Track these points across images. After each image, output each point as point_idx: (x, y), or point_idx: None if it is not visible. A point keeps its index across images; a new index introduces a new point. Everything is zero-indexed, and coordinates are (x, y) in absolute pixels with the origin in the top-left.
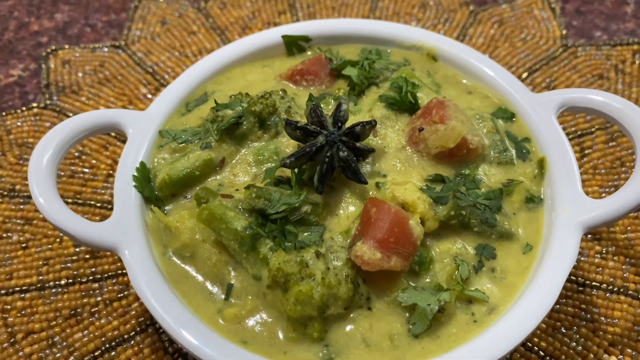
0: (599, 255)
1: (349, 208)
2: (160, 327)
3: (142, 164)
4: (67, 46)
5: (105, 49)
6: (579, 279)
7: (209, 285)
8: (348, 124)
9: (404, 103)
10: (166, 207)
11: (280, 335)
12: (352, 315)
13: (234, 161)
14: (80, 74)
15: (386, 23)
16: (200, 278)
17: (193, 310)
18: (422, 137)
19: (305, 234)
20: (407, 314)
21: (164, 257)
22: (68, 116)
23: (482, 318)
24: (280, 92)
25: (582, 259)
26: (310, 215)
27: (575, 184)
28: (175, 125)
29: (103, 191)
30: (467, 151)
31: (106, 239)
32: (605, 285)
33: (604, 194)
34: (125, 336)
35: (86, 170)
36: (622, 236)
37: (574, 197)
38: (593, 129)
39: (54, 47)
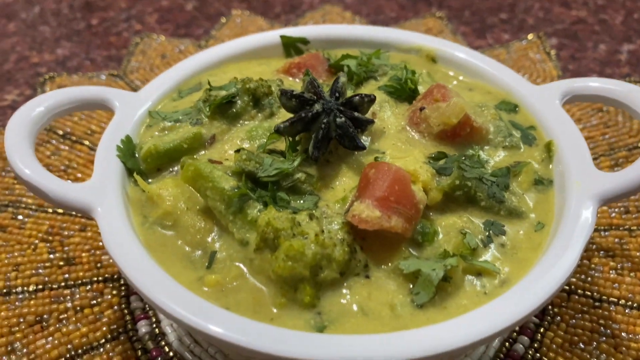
0: (613, 272)
1: (346, 182)
2: (133, 335)
3: (128, 137)
4: (64, 74)
5: (103, 77)
6: (595, 294)
7: (190, 253)
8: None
9: (403, 91)
10: (150, 180)
11: (268, 302)
12: (348, 282)
13: (225, 138)
14: None
15: (384, 28)
16: (181, 246)
17: (172, 277)
18: (424, 116)
19: (298, 202)
20: (410, 285)
21: (143, 227)
22: (55, 132)
23: (493, 290)
24: (277, 81)
25: (596, 274)
26: (304, 184)
27: (587, 160)
28: (166, 108)
29: None
30: (471, 130)
31: (81, 198)
32: (624, 301)
33: None
34: (94, 344)
35: (70, 182)
36: (638, 253)
37: (586, 171)
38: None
39: (51, 75)
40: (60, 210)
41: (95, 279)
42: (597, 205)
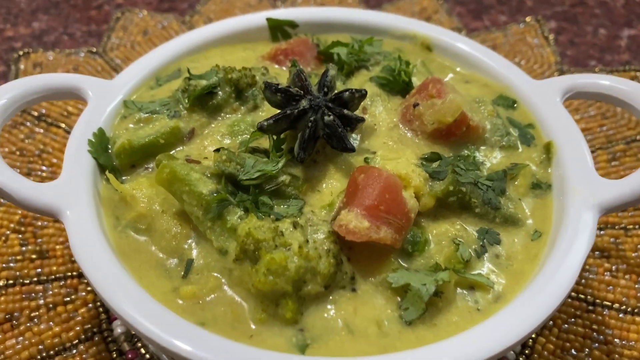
0: (608, 273)
1: (333, 184)
2: (108, 336)
3: (101, 129)
4: (40, 50)
5: (82, 54)
6: (588, 297)
7: (165, 260)
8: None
9: (396, 83)
10: (123, 178)
11: (248, 317)
12: (333, 296)
13: (205, 133)
14: None
15: (378, 12)
16: (155, 252)
17: (144, 288)
18: (417, 113)
19: (282, 207)
20: (399, 298)
21: (115, 230)
22: (30, 114)
23: (486, 306)
24: (262, 70)
25: (590, 276)
26: (288, 187)
27: (587, 165)
28: (143, 98)
29: None
30: (467, 129)
31: (47, 200)
32: (617, 304)
33: None
34: (67, 344)
35: (45, 168)
36: (633, 254)
37: (587, 177)
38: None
39: (26, 50)
40: None
41: (70, 273)
42: (598, 215)
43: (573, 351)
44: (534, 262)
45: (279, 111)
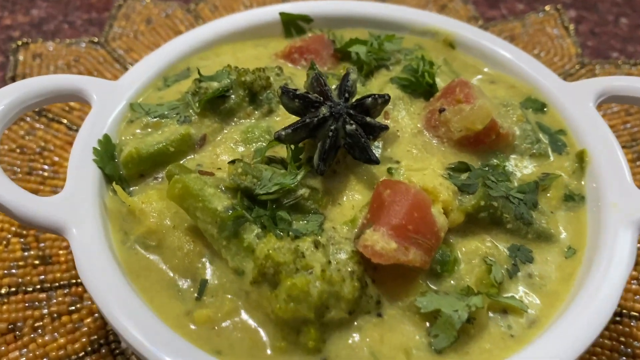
0: (635, 282)
1: (355, 197)
2: (116, 348)
3: (107, 136)
4: (40, 40)
5: (83, 44)
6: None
7: (177, 280)
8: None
9: (419, 85)
10: (131, 188)
11: (266, 344)
12: (357, 322)
13: (217, 139)
14: (51, 68)
15: (397, 6)
16: (167, 272)
17: (155, 311)
18: (444, 119)
19: (301, 222)
20: (427, 324)
21: (124, 246)
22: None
23: (520, 332)
24: (276, 70)
25: None
26: (307, 201)
27: (624, 177)
28: (150, 100)
29: None
30: (497, 137)
31: (52, 216)
32: None
33: None
34: (73, 357)
35: (46, 167)
36: None
37: (624, 190)
38: None
39: (25, 40)
40: None
41: (74, 280)
42: (638, 232)
43: None
44: (568, 282)
45: (295, 117)
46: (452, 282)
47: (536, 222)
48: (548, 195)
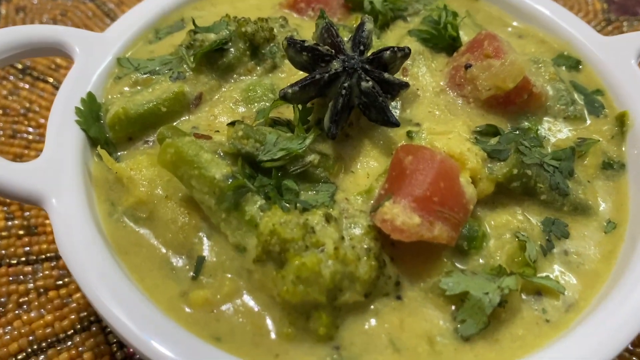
0: None
1: (370, 164)
2: (107, 326)
3: (91, 95)
4: None
5: None
6: None
7: (171, 257)
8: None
9: (441, 39)
10: (119, 153)
11: (271, 331)
12: (374, 305)
13: (215, 98)
14: (36, 23)
15: None
16: (159, 248)
17: (145, 292)
18: (470, 76)
19: (310, 192)
20: (453, 307)
21: (110, 219)
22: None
23: (556, 317)
24: (280, 20)
25: None
26: (317, 168)
27: None
28: (140, 54)
29: None
30: (529, 97)
31: (28, 184)
32: None
33: None
34: (61, 335)
35: (31, 130)
36: None
37: None
38: None
39: None
40: None
41: None
42: None
43: None
44: (609, 260)
45: (303, 73)
46: (480, 260)
47: (572, 193)
48: (585, 162)
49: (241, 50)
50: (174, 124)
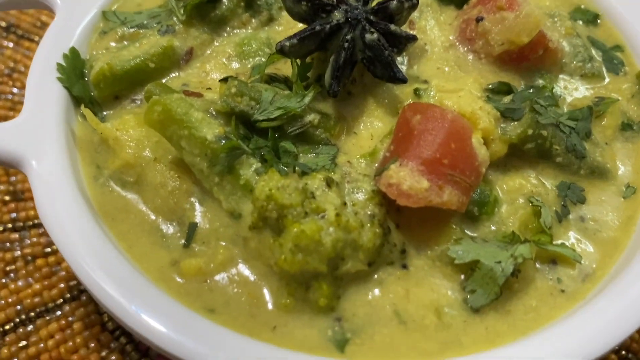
0: None
1: (374, 124)
2: None
3: (74, 50)
4: None
5: None
6: None
7: (161, 224)
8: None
9: None
10: (105, 112)
11: (268, 302)
12: (378, 275)
13: (206, 53)
14: None
15: None
16: (148, 214)
17: (134, 261)
18: (482, 30)
19: (309, 155)
20: (462, 276)
21: (96, 183)
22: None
23: (572, 287)
24: None
25: None
26: (317, 129)
27: None
28: (127, 7)
29: None
30: (544, 53)
31: (5, 144)
32: None
33: None
34: (50, 305)
35: (16, 90)
36: None
37: None
38: None
39: None
40: None
41: None
42: None
43: None
44: (628, 227)
45: (303, 26)
46: (491, 226)
47: (589, 155)
48: (603, 123)
49: (235, 1)
50: (163, 81)
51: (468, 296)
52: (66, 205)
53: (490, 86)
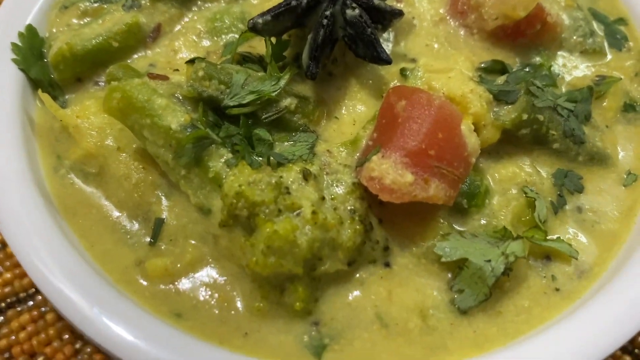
0: None
1: (357, 108)
2: None
3: (30, 28)
4: None
5: None
6: None
7: (125, 220)
8: None
9: None
10: (66, 97)
11: (240, 305)
12: (359, 274)
13: (175, 30)
14: None
15: None
16: (111, 208)
17: (95, 260)
18: (474, 2)
19: (286, 143)
20: (449, 275)
21: (56, 175)
22: None
23: (567, 285)
24: None
25: None
26: (294, 114)
27: None
28: None
29: None
30: (542, 27)
31: None
32: None
33: None
34: (22, 295)
35: None
36: None
37: None
38: None
39: None
40: None
41: None
42: None
43: None
44: (628, 218)
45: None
46: (482, 220)
47: (589, 140)
48: (603, 104)
49: None
50: (128, 61)
51: (455, 296)
52: (20, 198)
53: (482, 65)
